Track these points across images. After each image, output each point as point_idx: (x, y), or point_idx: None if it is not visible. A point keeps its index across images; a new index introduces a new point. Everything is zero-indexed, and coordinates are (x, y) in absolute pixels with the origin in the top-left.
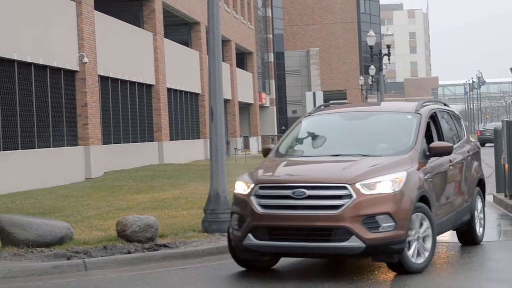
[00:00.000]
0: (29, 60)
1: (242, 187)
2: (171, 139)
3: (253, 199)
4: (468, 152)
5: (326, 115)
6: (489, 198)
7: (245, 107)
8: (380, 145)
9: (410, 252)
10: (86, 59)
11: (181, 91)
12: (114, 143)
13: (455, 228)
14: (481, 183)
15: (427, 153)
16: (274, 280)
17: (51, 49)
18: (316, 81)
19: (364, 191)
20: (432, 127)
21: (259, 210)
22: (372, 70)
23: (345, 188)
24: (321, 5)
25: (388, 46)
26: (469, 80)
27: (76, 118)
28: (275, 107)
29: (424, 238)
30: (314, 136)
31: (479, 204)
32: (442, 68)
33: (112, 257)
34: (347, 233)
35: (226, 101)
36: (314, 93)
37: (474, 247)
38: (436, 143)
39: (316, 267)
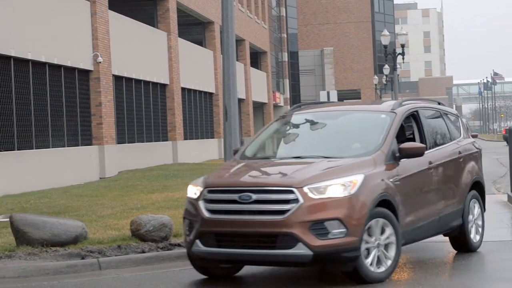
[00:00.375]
0: (43, 59)
1: (193, 191)
2: (185, 138)
3: (201, 204)
4: (460, 153)
5: (300, 116)
6: (503, 197)
7: (259, 107)
8: (346, 146)
9: (368, 260)
10: (100, 59)
11: (195, 91)
12: (128, 143)
13: (445, 233)
14: (478, 186)
15: (397, 155)
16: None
17: (65, 49)
18: (330, 80)
19: (312, 195)
20: (414, 127)
21: (207, 215)
22: (386, 69)
23: (291, 192)
24: (335, 4)
25: (402, 46)
26: (483, 80)
27: (91, 118)
28: (289, 107)
29: (386, 245)
30: (281, 138)
31: (475, 209)
32: (457, 67)
33: (126, 257)
34: (293, 240)
35: (240, 100)
36: (328, 93)
37: (489, 246)
38: (406, 144)
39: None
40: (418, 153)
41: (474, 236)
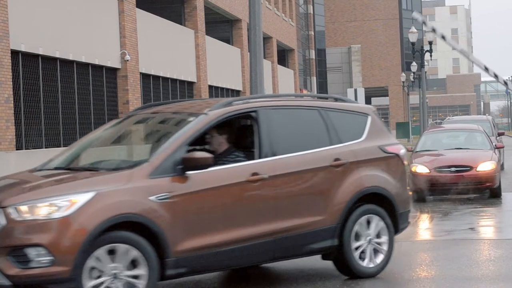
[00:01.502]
0: (71, 58)
1: None
2: None
3: None
4: (339, 159)
5: (132, 118)
6: None
7: None
8: (123, 157)
9: None
10: (128, 57)
11: (222, 88)
12: None
13: (323, 257)
14: (381, 200)
15: (180, 167)
16: None
17: (93, 47)
18: (357, 78)
19: (15, 216)
20: (255, 131)
21: None
22: (414, 66)
23: None
24: (363, 1)
25: (430, 43)
26: (511, 77)
27: (118, 116)
28: None
29: (133, 265)
30: (91, 144)
31: (371, 227)
32: (485, 62)
33: None
34: None
35: None
36: (355, 90)
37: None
38: (189, 154)
39: None
40: (204, 164)
41: (369, 259)
